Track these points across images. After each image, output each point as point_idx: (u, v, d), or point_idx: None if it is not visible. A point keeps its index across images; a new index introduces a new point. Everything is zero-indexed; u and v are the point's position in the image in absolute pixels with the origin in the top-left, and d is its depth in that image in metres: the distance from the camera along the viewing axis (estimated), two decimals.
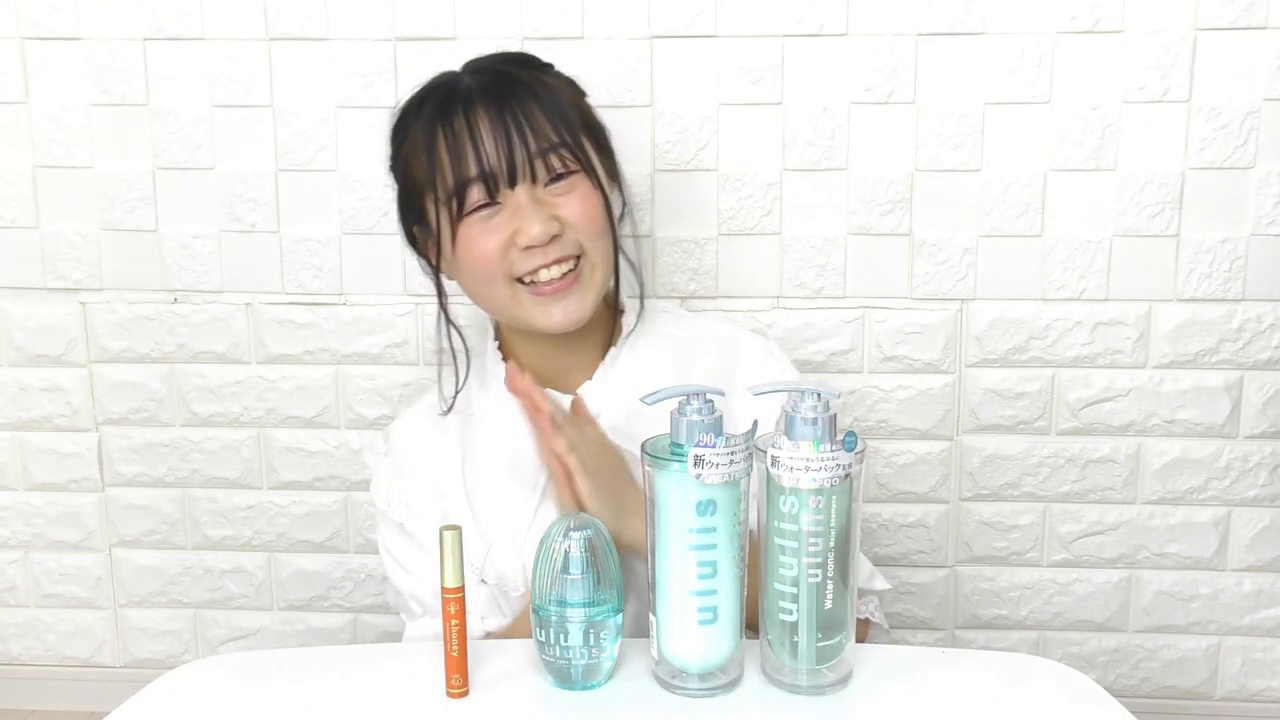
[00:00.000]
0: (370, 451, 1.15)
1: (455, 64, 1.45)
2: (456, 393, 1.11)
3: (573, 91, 1.08)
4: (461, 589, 0.84)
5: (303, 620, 1.65)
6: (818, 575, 0.82)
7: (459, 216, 1.00)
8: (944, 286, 1.48)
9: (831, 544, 0.82)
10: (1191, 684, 1.58)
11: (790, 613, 0.83)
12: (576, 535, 0.84)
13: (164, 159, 1.52)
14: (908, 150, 1.44)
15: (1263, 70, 1.40)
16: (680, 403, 0.84)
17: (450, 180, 0.99)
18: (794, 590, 0.83)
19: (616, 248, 1.06)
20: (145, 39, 1.48)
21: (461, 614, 0.84)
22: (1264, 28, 1.39)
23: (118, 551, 1.65)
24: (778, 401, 0.85)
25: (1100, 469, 1.52)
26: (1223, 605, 1.55)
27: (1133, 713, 0.83)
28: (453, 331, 1.10)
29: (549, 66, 1.10)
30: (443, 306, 1.09)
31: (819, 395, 0.82)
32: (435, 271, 1.07)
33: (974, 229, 1.46)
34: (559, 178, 1.01)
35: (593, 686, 0.86)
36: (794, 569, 0.83)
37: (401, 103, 1.07)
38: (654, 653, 0.87)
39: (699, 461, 0.80)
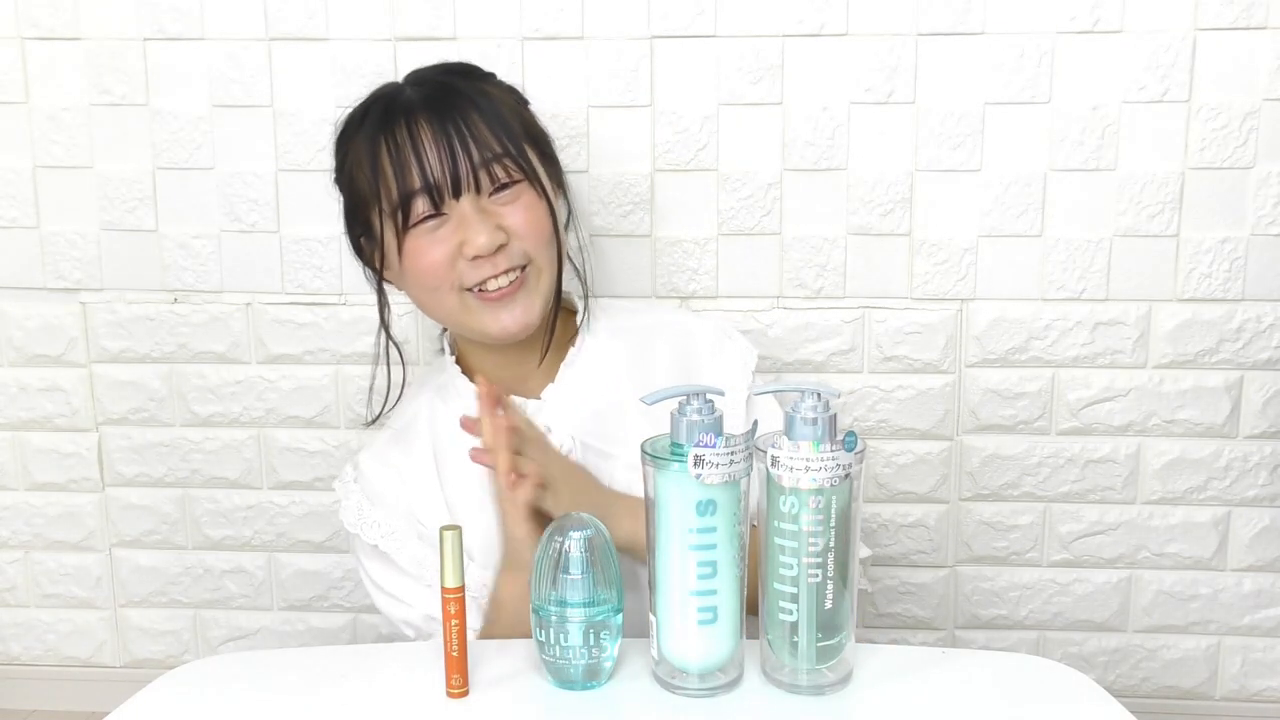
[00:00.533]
0: (340, 481, 1.14)
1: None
2: (385, 404, 1.13)
3: (515, 100, 1.09)
4: (461, 589, 0.84)
5: (303, 620, 1.65)
6: (818, 575, 0.83)
7: (405, 228, 1.01)
8: (944, 286, 1.48)
9: (831, 544, 0.82)
10: (1191, 684, 1.58)
11: (790, 613, 0.84)
12: (576, 535, 0.84)
13: (164, 159, 1.52)
14: (908, 150, 1.44)
15: (1263, 70, 1.40)
16: (680, 403, 0.84)
17: (395, 192, 1.00)
18: (794, 590, 0.83)
19: (561, 253, 1.07)
20: (145, 39, 1.48)
21: (462, 614, 0.84)
22: (1264, 28, 1.39)
23: (118, 551, 1.65)
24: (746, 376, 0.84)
25: (1100, 469, 1.52)
26: (1223, 605, 1.55)
27: (1133, 713, 0.83)
28: (391, 347, 1.12)
29: (490, 76, 1.10)
30: (384, 320, 1.11)
31: (819, 395, 0.82)
32: (379, 282, 1.08)
33: (974, 229, 1.46)
34: (503, 187, 1.02)
35: (593, 686, 0.86)
36: (794, 569, 0.83)
37: (343, 116, 1.08)
38: (654, 653, 0.87)
39: (699, 461, 0.80)
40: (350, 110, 1.07)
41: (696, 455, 0.80)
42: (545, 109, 1.45)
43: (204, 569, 1.64)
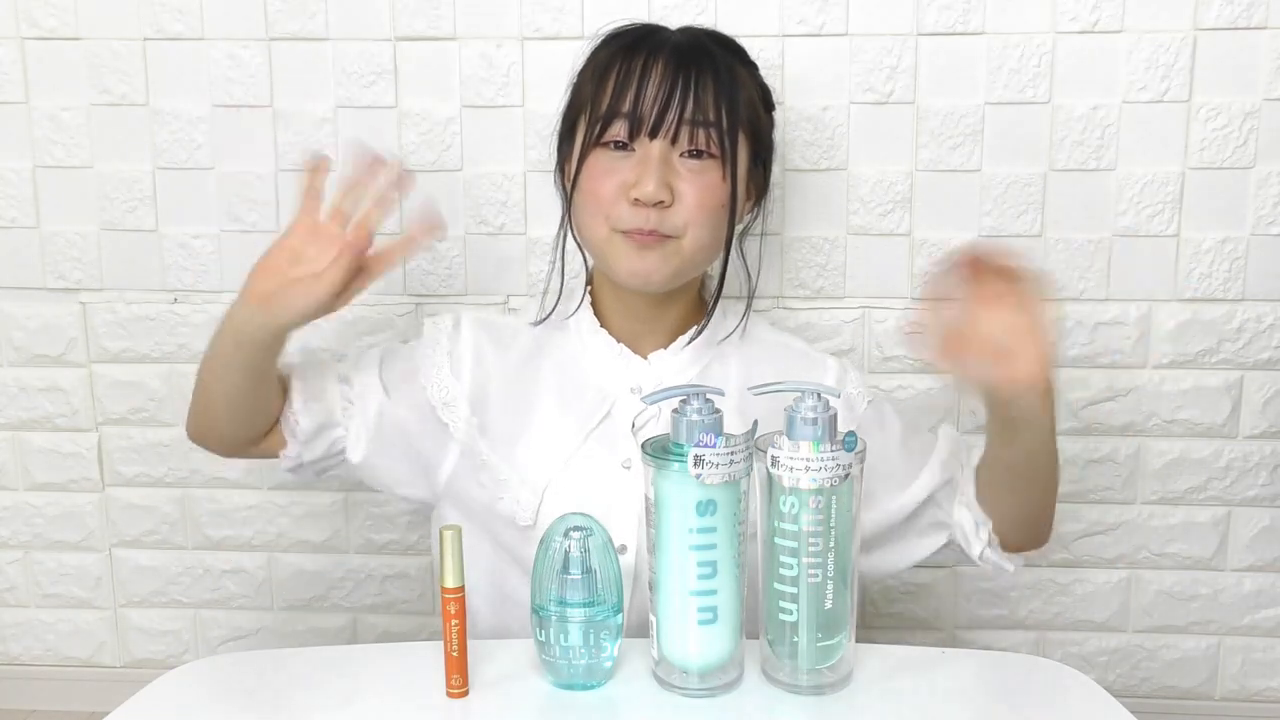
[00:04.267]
0: (434, 323, 1.14)
1: (455, 64, 1.46)
2: (555, 306, 1.13)
3: (756, 95, 1.10)
4: (461, 589, 0.84)
5: (303, 620, 1.65)
6: (818, 575, 0.83)
7: (593, 143, 1.03)
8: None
9: (831, 544, 0.82)
10: (1191, 684, 1.58)
11: (790, 613, 0.84)
12: (576, 535, 0.85)
13: (164, 159, 1.52)
14: (907, 150, 1.44)
15: (1263, 70, 1.40)
16: (680, 403, 0.84)
17: (603, 107, 1.02)
18: (794, 590, 0.83)
19: (723, 247, 1.07)
20: (145, 39, 1.48)
21: (462, 614, 0.84)
22: (1264, 28, 1.39)
23: (118, 551, 1.65)
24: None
25: (1100, 469, 1.52)
26: (1223, 605, 1.55)
27: (1133, 713, 0.83)
28: (567, 253, 1.12)
29: (752, 65, 1.12)
30: (569, 224, 1.11)
31: (819, 395, 0.82)
32: (563, 183, 1.10)
33: (974, 229, 1.46)
34: (697, 155, 1.02)
35: (593, 686, 0.86)
36: (794, 569, 0.83)
37: (610, 27, 1.10)
38: (654, 653, 0.87)
39: (699, 461, 0.80)
40: (617, 27, 1.10)
41: (696, 455, 0.80)
42: (545, 109, 1.46)
43: (204, 569, 1.64)
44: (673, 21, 1.42)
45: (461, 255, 1.51)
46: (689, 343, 1.10)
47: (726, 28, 1.41)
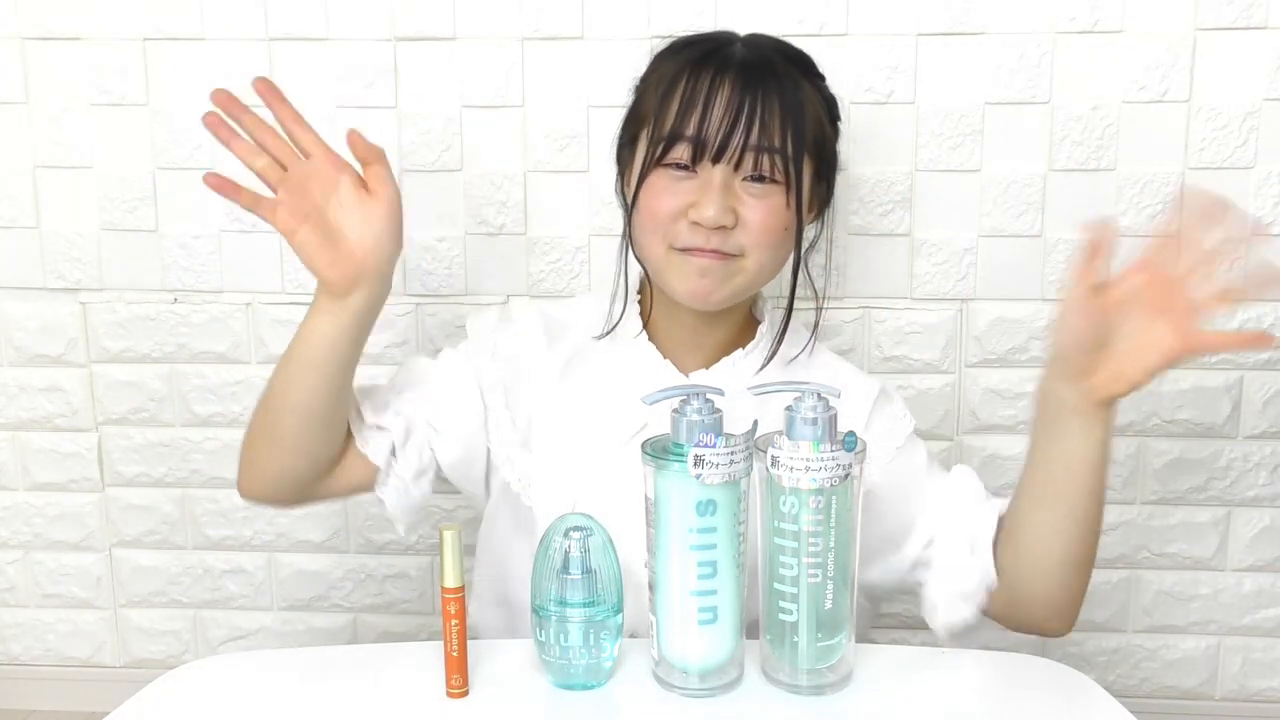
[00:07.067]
0: (478, 316, 1.13)
1: (455, 63, 1.46)
2: (621, 318, 1.11)
3: (825, 112, 1.09)
4: (461, 589, 0.84)
5: (303, 620, 1.65)
6: (817, 575, 0.83)
7: (655, 162, 1.02)
8: (944, 286, 1.48)
9: (831, 544, 0.82)
10: (1191, 684, 1.58)
11: (790, 613, 0.84)
12: (576, 535, 0.85)
13: (164, 159, 1.52)
14: (908, 150, 1.44)
15: (1263, 70, 1.40)
16: (680, 403, 0.84)
17: (667, 127, 1.01)
18: (794, 590, 0.83)
19: (789, 268, 1.07)
20: (145, 39, 1.48)
21: (461, 614, 0.84)
22: (1264, 28, 1.39)
23: (118, 551, 1.65)
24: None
25: None
26: (1223, 605, 1.55)
27: (1133, 713, 0.83)
28: (629, 263, 1.10)
29: (820, 77, 1.10)
30: (627, 235, 1.09)
31: (819, 395, 0.82)
32: (624, 195, 1.09)
33: (974, 229, 1.46)
34: (759, 179, 1.01)
35: (593, 686, 0.86)
36: (794, 569, 0.83)
37: (676, 35, 1.09)
38: (654, 653, 0.87)
39: (699, 461, 0.80)
40: (684, 34, 1.09)
41: (696, 455, 0.80)
42: (545, 109, 1.46)
43: (204, 569, 1.64)
44: (672, 20, 1.42)
45: (461, 255, 1.51)
46: (760, 368, 1.09)
47: (727, 28, 1.42)
